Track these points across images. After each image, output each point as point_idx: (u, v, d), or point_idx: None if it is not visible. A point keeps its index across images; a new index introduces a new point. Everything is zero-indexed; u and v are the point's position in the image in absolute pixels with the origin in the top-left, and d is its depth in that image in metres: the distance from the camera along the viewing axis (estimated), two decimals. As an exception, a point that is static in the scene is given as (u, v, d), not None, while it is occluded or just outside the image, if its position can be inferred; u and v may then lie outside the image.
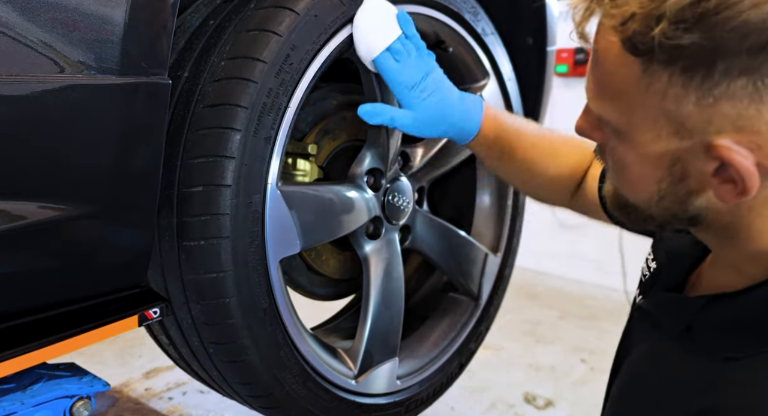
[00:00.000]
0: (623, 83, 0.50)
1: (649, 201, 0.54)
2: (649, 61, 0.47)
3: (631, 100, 0.50)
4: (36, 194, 0.63)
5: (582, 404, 1.73)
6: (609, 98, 0.52)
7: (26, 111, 0.59)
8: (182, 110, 0.77)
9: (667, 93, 0.47)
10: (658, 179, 0.52)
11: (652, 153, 0.51)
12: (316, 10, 0.81)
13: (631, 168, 0.53)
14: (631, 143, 0.52)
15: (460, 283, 1.22)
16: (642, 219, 0.57)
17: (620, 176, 0.56)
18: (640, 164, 0.52)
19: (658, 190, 0.52)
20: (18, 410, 0.79)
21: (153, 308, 0.79)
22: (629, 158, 0.53)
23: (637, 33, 0.46)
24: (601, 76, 0.52)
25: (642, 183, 0.53)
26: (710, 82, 0.45)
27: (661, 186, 0.52)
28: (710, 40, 0.43)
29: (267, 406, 0.91)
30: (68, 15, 0.60)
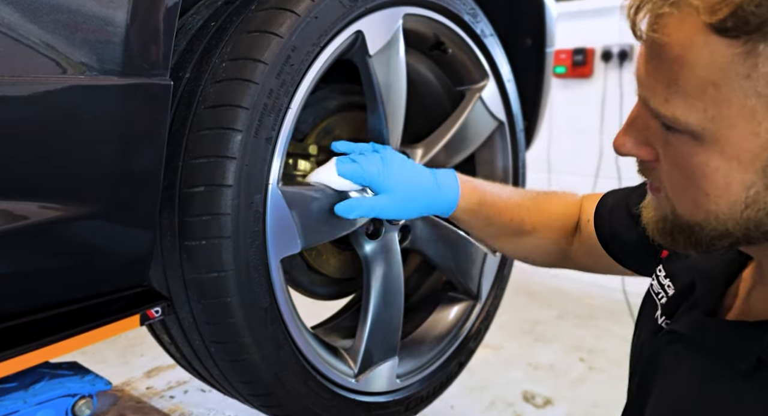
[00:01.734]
0: (714, 73, 0.42)
1: (728, 213, 0.47)
2: (755, 40, 0.40)
3: (723, 92, 0.43)
4: (38, 195, 0.63)
5: (580, 402, 1.73)
6: (689, 96, 0.44)
7: (28, 112, 0.59)
8: (183, 111, 0.77)
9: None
10: (748, 184, 0.45)
11: (745, 153, 0.44)
12: (316, 12, 0.81)
13: (713, 176, 0.46)
14: (716, 144, 0.45)
15: (460, 282, 1.23)
16: (709, 239, 0.49)
17: (693, 187, 0.48)
18: (727, 168, 0.45)
19: (745, 197, 0.45)
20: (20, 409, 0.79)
21: (155, 308, 0.79)
22: (711, 164, 0.45)
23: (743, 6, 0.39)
24: (676, 72, 0.44)
25: (725, 192, 0.46)
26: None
27: (749, 192, 0.45)
28: None
29: (268, 405, 0.91)
30: (70, 16, 0.60)
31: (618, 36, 2.82)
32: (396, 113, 0.98)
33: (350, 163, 0.85)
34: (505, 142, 1.24)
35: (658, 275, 0.70)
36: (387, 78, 0.94)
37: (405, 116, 1.00)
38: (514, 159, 1.27)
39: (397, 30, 0.95)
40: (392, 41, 0.94)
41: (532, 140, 1.47)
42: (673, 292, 0.66)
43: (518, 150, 1.27)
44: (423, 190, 0.86)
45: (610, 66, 2.86)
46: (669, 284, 0.67)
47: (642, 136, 0.51)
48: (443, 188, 0.87)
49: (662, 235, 0.54)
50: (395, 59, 0.95)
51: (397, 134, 1.00)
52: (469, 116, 1.14)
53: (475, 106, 1.15)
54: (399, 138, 1.01)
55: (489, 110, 1.18)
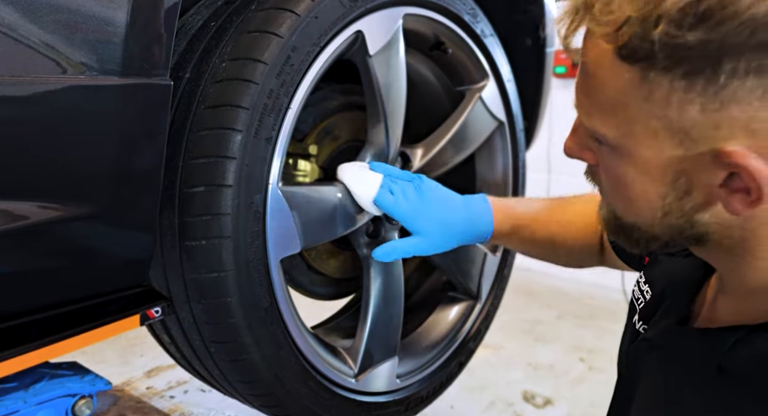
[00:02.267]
0: (619, 94, 0.46)
1: (652, 219, 0.50)
2: (647, 67, 0.44)
3: (629, 112, 0.46)
4: (38, 195, 0.63)
5: (580, 402, 1.73)
6: (604, 112, 0.49)
7: (28, 112, 0.59)
8: (184, 111, 0.77)
9: (669, 100, 0.44)
10: (662, 194, 0.48)
11: (655, 167, 0.47)
12: (316, 12, 0.81)
13: (632, 185, 0.50)
14: (630, 158, 0.49)
15: (460, 282, 1.23)
16: (645, 240, 0.53)
17: (619, 195, 0.52)
18: (642, 180, 0.49)
19: (662, 206, 0.49)
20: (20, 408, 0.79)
21: (155, 308, 0.79)
22: (629, 175, 0.49)
23: (634, 37, 0.43)
24: (593, 88, 0.49)
25: (644, 200, 0.50)
26: (716, 85, 0.41)
27: (665, 202, 0.49)
28: (715, 39, 0.40)
29: (268, 405, 0.91)
30: (70, 16, 0.60)
31: (618, 36, 2.82)
32: (396, 113, 0.98)
33: (389, 195, 0.86)
34: (505, 142, 1.24)
35: (639, 282, 0.71)
36: (387, 78, 0.94)
37: (405, 115, 1.00)
38: (514, 159, 1.27)
39: (397, 30, 0.95)
40: (392, 41, 0.94)
41: (532, 140, 1.47)
42: (650, 297, 0.67)
43: (518, 150, 1.27)
44: (458, 226, 0.87)
45: (611, 66, 2.85)
46: (647, 290, 0.68)
47: (584, 141, 0.55)
48: (477, 220, 0.88)
49: (611, 234, 0.58)
50: (395, 59, 0.95)
51: (397, 134, 1.00)
52: (469, 116, 1.14)
53: (475, 106, 1.15)
54: (399, 138, 1.01)
55: (489, 110, 1.18)
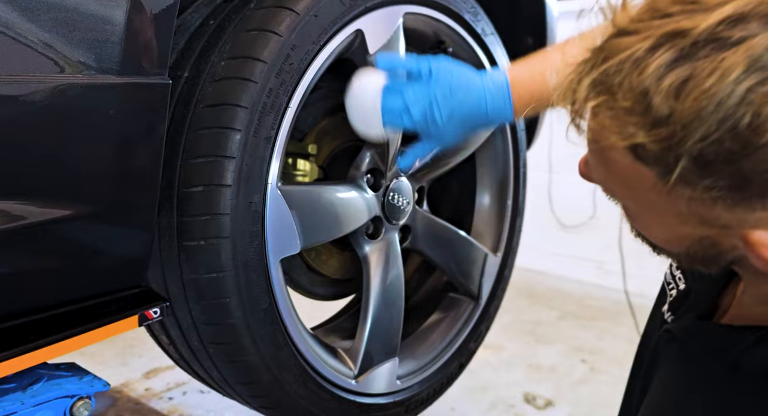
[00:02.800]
0: (637, 184, 0.44)
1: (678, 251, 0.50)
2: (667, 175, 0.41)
3: (650, 197, 0.44)
4: (36, 194, 0.63)
5: (582, 404, 1.73)
6: (622, 187, 0.47)
7: (26, 111, 0.59)
8: (182, 110, 0.77)
9: (692, 199, 0.41)
10: (687, 245, 0.48)
11: (677, 232, 0.46)
12: (316, 10, 0.81)
13: (655, 230, 0.49)
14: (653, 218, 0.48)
15: (460, 283, 1.22)
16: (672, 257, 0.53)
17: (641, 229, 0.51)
18: (665, 232, 0.48)
19: (686, 249, 0.48)
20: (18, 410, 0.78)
21: (153, 308, 0.79)
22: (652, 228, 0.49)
23: (651, 156, 0.40)
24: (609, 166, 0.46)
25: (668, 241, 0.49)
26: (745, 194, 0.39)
27: (689, 250, 0.48)
28: (739, 175, 0.38)
29: (267, 406, 0.91)
30: (68, 15, 0.59)
31: (619, 36, 2.82)
32: (396, 113, 0.97)
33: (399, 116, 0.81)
34: (506, 141, 1.24)
35: (672, 265, 0.70)
36: (387, 77, 0.94)
37: (405, 115, 1.00)
38: (515, 159, 1.26)
39: (398, 29, 0.94)
40: (392, 40, 0.93)
41: (533, 140, 1.47)
42: (683, 287, 0.66)
43: (519, 150, 1.26)
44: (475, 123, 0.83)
45: (611, 66, 2.85)
46: (680, 277, 0.67)
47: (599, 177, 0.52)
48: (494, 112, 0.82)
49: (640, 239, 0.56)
50: (395, 58, 0.95)
51: (397, 134, 0.99)
52: (469, 116, 1.13)
53: (475, 105, 1.14)
54: (399, 138, 1.00)
55: (490, 110, 1.17)
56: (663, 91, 0.38)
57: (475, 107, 0.82)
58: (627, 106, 0.40)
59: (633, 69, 0.40)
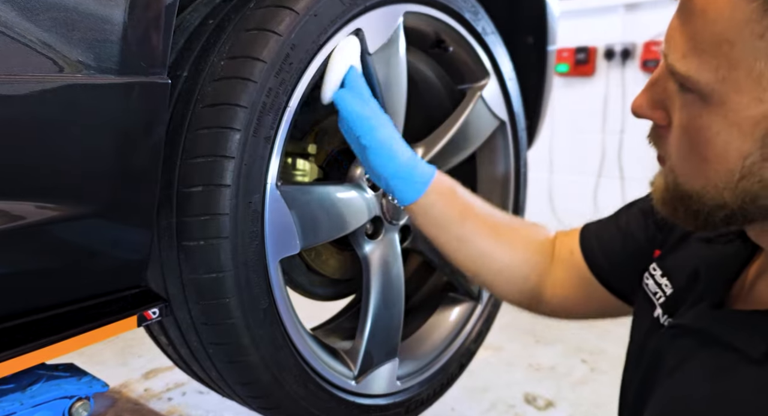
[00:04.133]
0: (729, 31, 0.43)
1: (726, 183, 0.47)
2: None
3: (735, 51, 0.43)
4: (34, 194, 0.62)
5: (582, 404, 1.73)
6: (704, 52, 0.45)
7: (25, 111, 0.59)
8: (182, 110, 0.77)
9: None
10: (745, 153, 0.45)
11: (747, 119, 0.44)
12: (315, 10, 0.80)
13: (714, 141, 0.46)
14: (721, 107, 0.45)
15: (460, 283, 1.22)
16: (707, 211, 0.50)
17: (693, 154, 0.49)
18: (728, 133, 0.45)
19: (741, 167, 0.46)
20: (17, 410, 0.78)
21: (152, 309, 0.78)
22: (714, 128, 0.46)
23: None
24: (698, 27, 0.45)
25: (724, 159, 0.46)
26: None
27: (745, 163, 0.45)
28: None
29: (266, 407, 0.90)
30: (67, 14, 0.59)
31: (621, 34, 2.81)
32: (396, 112, 0.97)
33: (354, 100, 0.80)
34: (507, 141, 1.24)
35: (653, 274, 0.69)
36: (387, 77, 0.94)
37: (405, 114, 1.00)
38: (515, 158, 1.26)
39: (398, 28, 0.94)
40: (392, 39, 0.93)
41: (533, 139, 1.46)
42: (672, 290, 0.65)
43: (520, 149, 1.26)
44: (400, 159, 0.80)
45: (613, 64, 2.85)
46: (666, 283, 0.66)
47: (659, 98, 0.52)
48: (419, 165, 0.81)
49: (664, 205, 0.55)
50: (395, 58, 0.94)
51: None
52: (470, 115, 1.13)
53: (476, 105, 1.14)
54: (399, 137, 1.00)
55: (490, 109, 1.17)
56: None
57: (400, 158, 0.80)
58: None
59: None
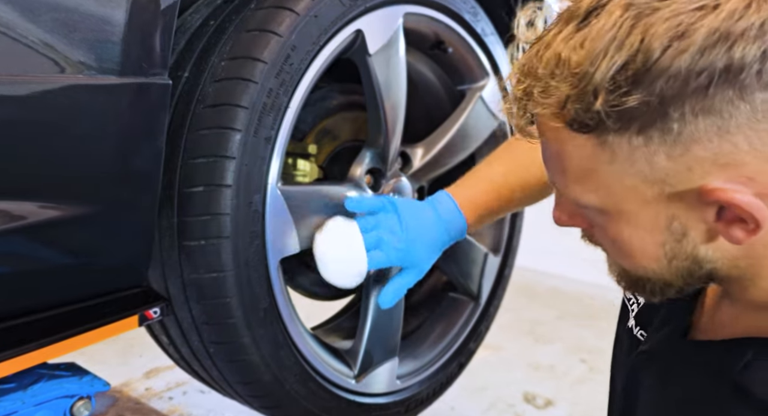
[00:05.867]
0: (586, 163, 0.47)
1: (660, 268, 0.51)
2: (601, 133, 0.45)
3: (601, 176, 0.47)
4: (36, 194, 0.63)
5: (581, 403, 1.73)
6: (579, 182, 0.49)
7: (26, 111, 0.59)
8: (183, 110, 0.77)
9: (634, 157, 0.45)
10: (661, 242, 0.49)
11: (644, 219, 0.48)
12: (316, 11, 0.81)
13: (630, 241, 0.50)
14: (619, 215, 0.49)
15: (460, 283, 1.22)
16: (660, 289, 0.53)
17: (621, 252, 0.53)
18: (637, 234, 0.49)
19: (664, 253, 0.49)
20: (18, 409, 0.79)
21: (153, 308, 0.79)
22: (625, 233, 0.50)
23: (579, 112, 0.44)
24: (561, 164, 0.50)
25: (645, 252, 0.50)
26: (671, 134, 0.43)
27: (666, 249, 0.49)
28: (654, 95, 0.42)
29: (267, 406, 0.91)
30: (69, 15, 0.60)
31: (618, 36, 2.81)
32: (396, 113, 0.97)
33: (379, 254, 0.86)
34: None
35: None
36: (387, 77, 0.94)
37: (405, 115, 1.00)
38: (514, 159, 1.26)
39: (398, 29, 0.94)
40: (392, 40, 0.93)
41: (532, 140, 1.46)
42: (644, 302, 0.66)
43: (519, 150, 1.26)
44: (438, 240, 0.89)
45: (611, 66, 2.85)
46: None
47: (570, 210, 0.55)
48: (452, 228, 0.89)
49: (626, 288, 0.58)
50: (395, 58, 0.95)
51: (397, 134, 0.99)
52: (469, 116, 1.14)
53: (475, 105, 1.14)
54: (399, 138, 1.00)
55: (490, 110, 1.17)
56: (570, 46, 0.45)
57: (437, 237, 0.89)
58: (547, 71, 0.46)
59: (545, 47, 0.47)
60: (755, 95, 0.41)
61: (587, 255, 0.90)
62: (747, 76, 0.41)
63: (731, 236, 0.46)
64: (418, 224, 0.88)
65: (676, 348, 0.59)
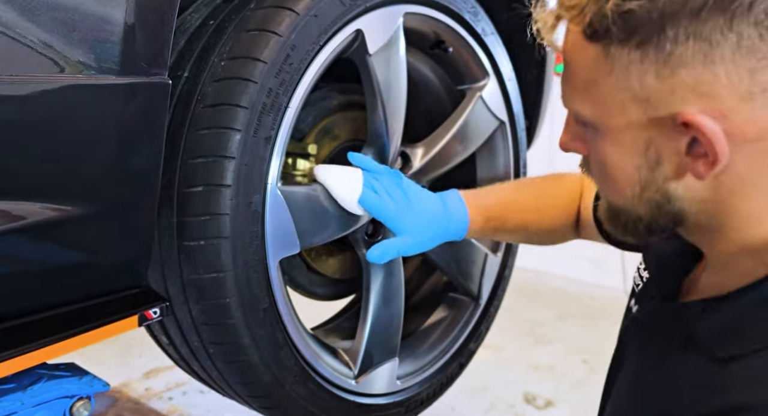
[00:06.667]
0: (589, 73, 0.51)
1: (632, 197, 0.54)
2: (608, 43, 0.48)
3: (600, 88, 0.51)
4: (36, 194, 0.63)
5: (582, 404, 1.73)
6: (581, 93, 0.53)
7: (26, 111, 0.59)
8: (182, 110, 0.77)
9: (629, 71, 0.48)
10: (637, 165, 0.52)
11: (626, 138, 0.51)
12: (316, 10, 0.81)
13: (610, 160, 0.54)
14: (608, 133, 0.52)
15: (460, 283, 1.22)
16: (632, 223, 0.56)
17: (603, 175, 0.56)
18: (618, 154, 0.53)
19: (638, 180, 0.52)
20: (18, 410, 0.78)
21: (153, 309, 0.79)
22: (609, 150, 0.53)
23: (594, 15, 0.48)
24: (570, 73, 0.54)
25: (622, 174, 0.53)
26: (664, 52, 0.46)
27: (640, 174, 0.52)
28: (655, 6, 0.45)
29: (267, 406, 0.91)
30: (68, 15, 0.59)
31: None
32: (396, 112, 0.97)
33: (374, 195, 0.86)
34: (506, 141, 1.24)
35: (639, 268, 0.73)
36: (387, 77, 0.94)
37: (405, 115, 1.00)
38: (515, 159, 1.26)
39: (398, 28, 0.94)
40: (392, 40, 0.93)
41: (533, 140, 1.46)
42: (645, 280, 0.69)
43: (519, 150, 1.26)
44: (439, 226, 0.89)
45: (611, 66, 2.85)
46: (645, 275, 0.70)
47: (575, 133, 0.58)
48: (454, 218, 0.90)
49: (608, 222, 0.61)
50: (395, 58, 0.95)
51: (398, 134, 0.99)
52: (469, 116, 1.13)
53: (475, 105, 1.14)
54: (399, 137, 1.00)
55: (490, 109, 1.17)
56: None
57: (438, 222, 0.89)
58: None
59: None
60: (743, 28, 0.44)
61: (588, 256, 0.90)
62: (738, 6, 0.43)
63: (695, 170, 0.49)
64: (420, 200, 0.88)
65: (656, 312, 0.62)
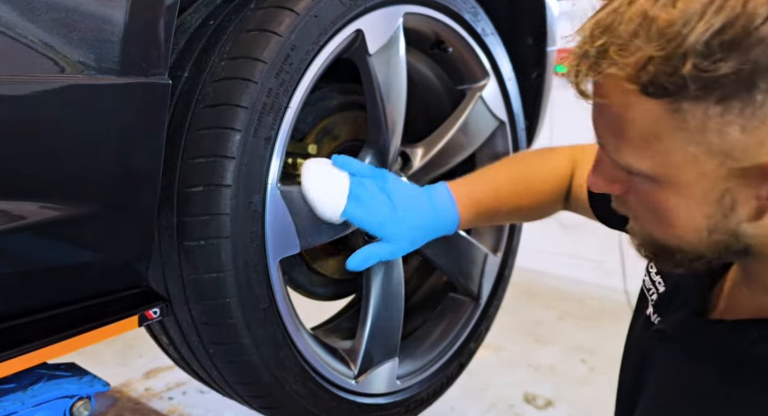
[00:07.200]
0: (651, 129, 0.46)
1: (698, 240, 0.50)
2: (678, 99, 0.44)
3: (664, 143, 0.46)
4: (36, 194, 0.63)
5: (582, 404, 1.73)
6: (636, 148, 0.48)
7: (26, 111, 0.59)
8: (182, 110, 0.77)
9: (706, 127, 0.44)
10: (707, 214, 0.48)
11: (698, 190, 0.47)
12: (316, 11, 0.81)
13: (675, 211, 0.49)
14: (670, 185, 0.48)
15: (460, 283, 1.22)
16: (688, 260, 0.53)
17: (661, 221, 0.52)
18: (686, 205, 0.48)
19: (707, 226, 0.49)
20: (18, 410, 0.78)
21: (153, 309, 0.79)
22: (671, 201, 0.49)
23: (660, 75, 0.43)
24: (620, 127, 0.48)
25: (689, 223, 0.49)
26: (753, 106, 0.42)
27: (710, 222, 0.48)
28: (748, 63, 0.41)
29: (267, 406, 0.91)
30: (68, 15, 0.59)
31: (619, 36, 2.81)
32: (396, 113, 0.97)
33: (357, 207, 0.83)
34: (506, 141, 1.24)
35: (650, 271, 0.71)
36: (387, 77, 0.94)
37: (405, 115, 1.00)
38: (515, 159, 1.26)
39: (398, 29, 0.94)
40: (392, 40, 0.93)
41: (533, 140, 1.47)
42: (664, 289, 0.67)
43: (519, 150, 1.26)
44: (426, 226, 0.87)
45: (611, 66, 2.85)
46: (660, 281, 0.68)
47: (610, 175, 0.54)
48: (442, 215, 0.87)
49: (648, 256, 0.57)
50: (395, 58, 0.95)
51: (398, 134, 0.99)
52: (469, 116, 1.14)
53: (475, 105, 1.14)
54: (399, 138, 1.00)
55: (490, 110, 1.17)
56: (660, 4, 0.43)
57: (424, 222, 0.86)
58: (630, 29, 0.44)
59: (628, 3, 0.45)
60: None
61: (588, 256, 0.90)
62: None
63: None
64: (406, 202, 0.86)
65: (689, 327, 0.59)
